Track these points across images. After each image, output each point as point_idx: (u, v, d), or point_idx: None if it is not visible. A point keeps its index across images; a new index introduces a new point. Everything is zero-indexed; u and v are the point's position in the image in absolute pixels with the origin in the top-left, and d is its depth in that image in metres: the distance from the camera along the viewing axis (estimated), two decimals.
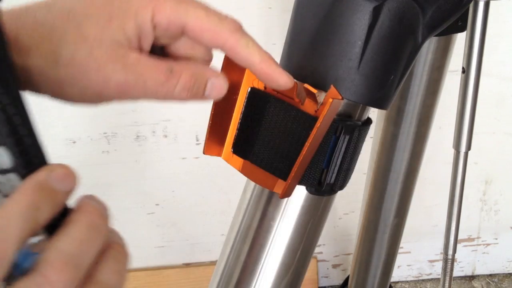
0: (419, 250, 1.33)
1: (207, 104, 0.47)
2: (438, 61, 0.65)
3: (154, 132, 1.11)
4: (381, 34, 0.43)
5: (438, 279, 1.37)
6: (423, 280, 1.38)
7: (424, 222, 1.28)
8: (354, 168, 0.48)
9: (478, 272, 1.38)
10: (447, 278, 0.72)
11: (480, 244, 1.34)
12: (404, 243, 1.28)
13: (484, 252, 1.35)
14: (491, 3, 0.56)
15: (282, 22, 1.01)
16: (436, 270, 1.37)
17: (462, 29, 0.59)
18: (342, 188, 0.48)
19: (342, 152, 0.46)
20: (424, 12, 0.45)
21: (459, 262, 1.36)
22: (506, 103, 1.15)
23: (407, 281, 1.38)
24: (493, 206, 1.29)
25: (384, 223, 0.80)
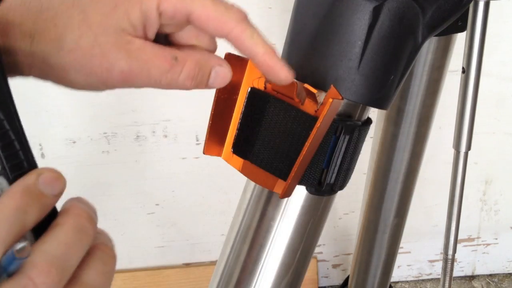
0: (419, 250, 1.33)
1: (207, 104, 0.47)
2: (438, 61, 0.65)
3: (154, 132, 1.11)
4: (381, 34, 0.43)
5: (438, 279, 1.37)
6: (423, 280, 1.38)
7: (424, 222, 1.28)
8: (354, 168, 0.48)
9: (478, 272, 1.38)
10: (447, 278, 0.72)
11: (480, 244, 1.34)
12: (404, 243, 1.28)
13: (484, 252, 1.35)
14: (491, 3, 0.56)
15: (282, 22, 1.01)
16: (436, 270, 1.37)
17: (462, 29, 0.59)
18: (342, 188, 0.48)
19: (342, 152, 0.46)
20: (424, 12, 0.45)
21: (459, 262, 1.36)
22: (506, 103, 1.15)
23: (407, 281, 1.38)
24: (493, 206, 1.29)
25: (384, 223, 0.80)
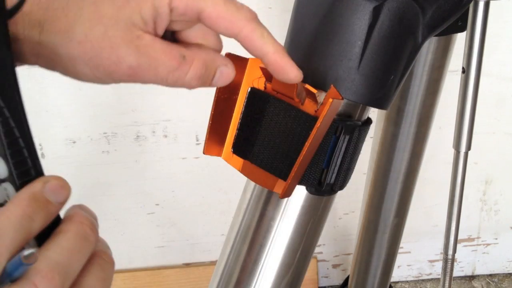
0: (419, 250, 1.33)
1: (207, 104, 0.47)
2: (438, 61, 0.65)
3: (154, 132, 1.11)
4: (381, 34, 0.43)
5: (438, 279, 1.37)
6: (423, 280, 1.38)
7: (424, 222, 1.28)
8: (354, 168, 0.48)
9: (478, 272, 1.38)
10: (447, 278, 0.72)
11: (480, 244, 1.34)
12: (404, 243, 1.28)
13: (484, 252, 1.35)
14: (491, 3, 0.56)
15: (282, 22, 1.01)
16: (436, 270, 1.37)
17: (462, 29, 0.59)
18: (342, 188, 0.48)
19: (342, 152, 0.46)
20: (424, 12, 0.45)
21: (459, 262, 1.36)
22: (506, 103, 1.15)
23: (407, 281, 1.38)
24: (493, 206, 1.29)
25: (384, 223, 0.80)
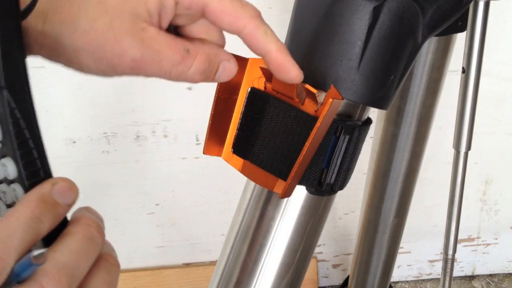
0: (419, 250, 1.33)
1: (207, 104, 0.47)
2: (438, 61, 0.65)
3: (154, 132, 1.11)
4: (381, 34, 0.43)
5: (438, 279, 1.37)
6: (423, 280, 1.38)
7: (424, 222, 1.28)
8: (354, 168, 0.48)
9: (478, 272, 1.38)
10: (447, 278, 0.72)
11: (480, 244, 1.34)
12: (404, 243, 1.28)
13: (484, 252, 1.35)
14: (491, 3, 0.56)
15: (282, 22, 1.01)
16: (436, 270, 1.37)
17: (462, 29, 0.59)
18: (342, 188, 0.48)
19: (342, 152, 0.46)
20: (424, 12, 0.45)
21: (459, 262, 1.36)
22: (506, 103, 1.15)
23: (407, 281, 1.38)
24: (493, 206, 1.29)
25: (384, 223, 0.80)
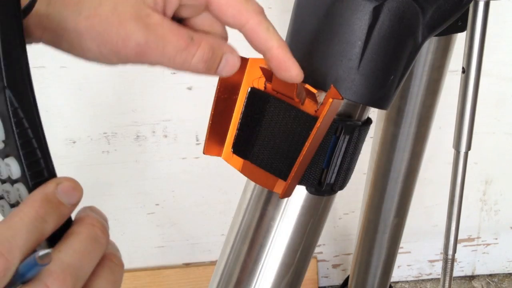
0: (419, 250, 1.33)
1: (207, 104, 0.47)
2: (438, 61, 0.65)
3: (154, 132, 1.11)
4: (381, 34, 0.43)
5: (438, 279, 1.37)
6: (423, 280, 1.38)
7: (424, 222, 1.28)
8: (354, 168, 0.48)
9: (478, 272, 1.38)
10: (447, 278, 0.72)
11: (480, 244, 1.34)
12: (404, 243, 1.28)
13: (484, 252, 1.35)
14: (491, 3, 0.56)
15: (282, 22, 1.01)
16: (436, 270, 1.37)
17: (462, 29, 0.59)
18: (342, 188, 0.48)
19: (342, 152, 0.46)
20: (424, 12, 0.45)
21: (459, 262, 1.36)
22: (506, 103, 1.15)
23: (407, 281, 1.38)
24: (493, 206, 1.29)
25: (384, 223, 0.80)
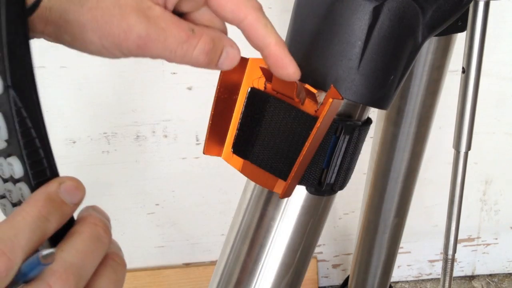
0: (419, 250, 1.33)
1: (207, 104, 0.47)
2: (438, 61, 0.65)
3: (154, 132, 1.11)
4: (381, 34, 0.43)
5: (438, 279, 1.37)
6: (423, 280, 1.38)
7: (424, 222, 1.28)
8: (354, 168, 0.48)
9: (478, 272, 1.38)
10: (447, 278, 0.72)
11: (480, 244, 1.34)
12: (404, 243, 1.28)
13: (484, 252, 1.35)
14: (491, 3, 0.56)
15: (282, 22, 1.01)
16: (436, 270, 1.37)
17: (462, 29, 0.59)
18: (342, 188, 0.48)
19: (342, 152, 0.46)
20: (424, 12, 0.45)
21: (459, 262, 1.36)
22: (506, 103, 1.15)
23: (407, 281, 1.38)
24: (493, 206, 1.29)
25: (384, 223, 0.80)
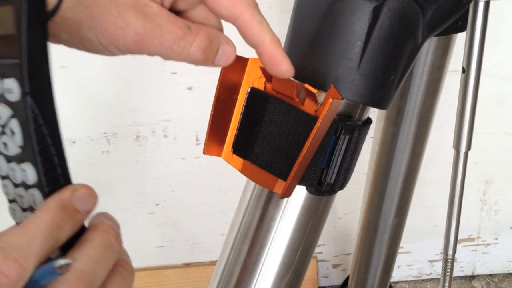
0: (419, 250, 1.33)
1: (207, 104, 0.47)
2: (438, 61, 0.65)
3: (154, 132, 1.11)
4: (381, 34, 0.43)
5: (438, 279, 1.37)
6: (423, 280, 1.38)
7: (424, 222, 1.28)
8: (354, 168, 0.48)
9: (478, 272, 1.38)
10: (447, 278, 0.72)
11: (480, 244, 1.34)
12: (404, 243, 1.28)
13: (484, 252, 1.35)
14: (491, 3, 0.56)
15: (282, 22, 1.01)
16: (436, 270, 1.37)
17: (462, 29, 0.59)
18: (342, 188, 0.48)
19: (342, 152, 0.46)
20: (424, 12, 0.45)
21: (459, 262, 1.36)
22: (506, 103, 1.15)
23: (407, 281, 1.38)
24: (493, 206, 1.29)
25: (384, 223, 0.80)
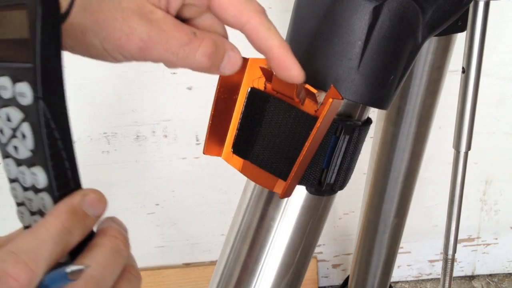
0: (419, 250, 1.33)
1: (207, 104, 0.47)
2: (438, 61, 0.65)
3: (154, 132, 1.11)
4: (381, 34, 0.43)
5: (438, 279, 1.37)
6: (423, 280, 1.38)
7: (424, 222, 1.28)
8: (354, 168, 0.48)
9: (478, 272, 1.38)
10: (447, 278, 0.72)
11: (480, 244, 1.34)
12: (404, 243, 1.28)
13: (484, 252, 1.35)
14: (491, 3, 0.56)
15: (282, 22, 1.01)
16: (436, 270, 1.37)
17: (462, 29, 0.59)
18: (342, 188, 0.48)
19: (342, 152, 0.46)
20: (424, 12, 0.45)
21: (459, 262, 1.36)
22: (506, 103, 1.15)
23: (407, 281, 1.38)
24: (493, 206, 1.29)
25: (384, 223, 0.80)
